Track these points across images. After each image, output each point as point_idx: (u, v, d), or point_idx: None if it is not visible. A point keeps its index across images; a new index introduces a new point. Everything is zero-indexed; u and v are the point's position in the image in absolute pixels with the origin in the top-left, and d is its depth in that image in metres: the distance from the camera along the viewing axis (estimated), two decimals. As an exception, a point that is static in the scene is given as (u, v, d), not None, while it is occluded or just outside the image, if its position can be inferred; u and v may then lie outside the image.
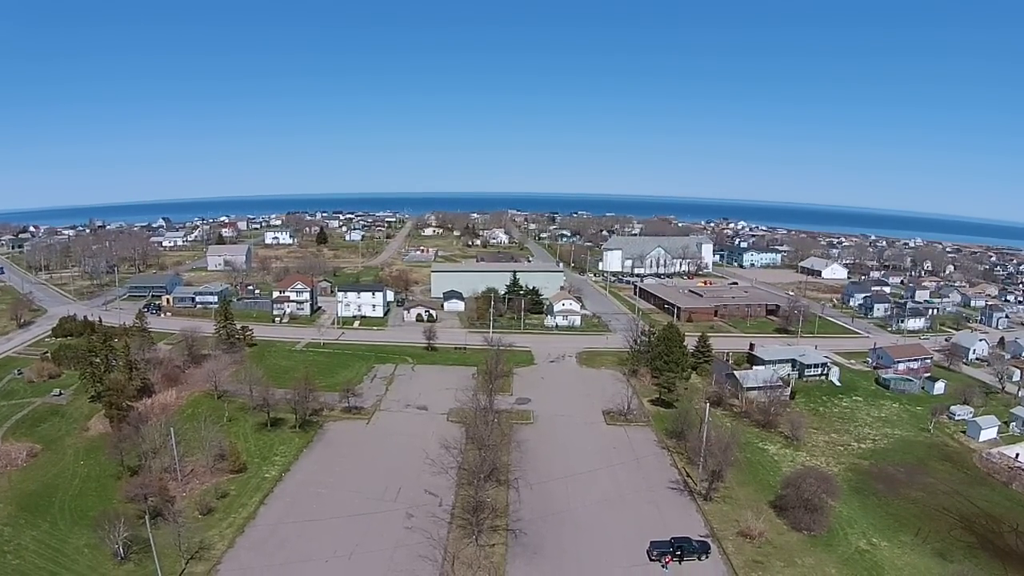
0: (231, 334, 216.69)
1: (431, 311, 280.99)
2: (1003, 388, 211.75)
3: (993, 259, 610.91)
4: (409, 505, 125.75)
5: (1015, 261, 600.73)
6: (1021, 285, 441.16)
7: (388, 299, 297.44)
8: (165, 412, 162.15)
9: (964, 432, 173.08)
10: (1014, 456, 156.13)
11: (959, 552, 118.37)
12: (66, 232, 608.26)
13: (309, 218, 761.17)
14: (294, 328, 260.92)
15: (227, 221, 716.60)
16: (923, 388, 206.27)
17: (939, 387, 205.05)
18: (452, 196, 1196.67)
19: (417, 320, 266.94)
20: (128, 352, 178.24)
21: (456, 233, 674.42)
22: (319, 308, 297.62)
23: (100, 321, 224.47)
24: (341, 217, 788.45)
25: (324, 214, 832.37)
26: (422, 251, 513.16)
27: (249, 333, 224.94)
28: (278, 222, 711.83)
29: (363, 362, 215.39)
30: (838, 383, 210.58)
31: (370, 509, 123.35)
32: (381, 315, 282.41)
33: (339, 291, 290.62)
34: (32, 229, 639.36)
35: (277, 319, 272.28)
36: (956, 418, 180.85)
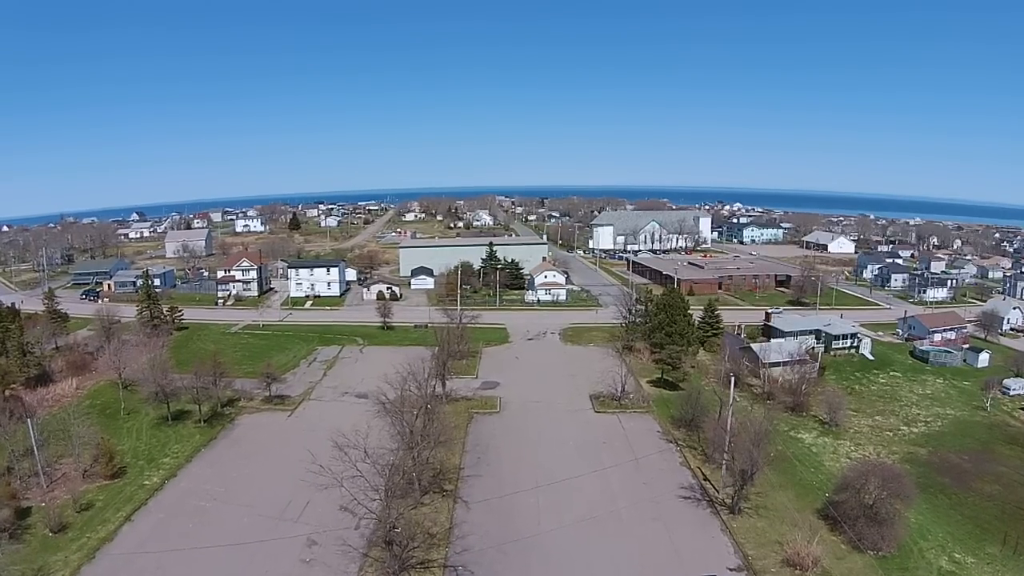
0: (154, 316, 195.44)
1: (394, 288, 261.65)
2: None
3: (998, 236, 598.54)
4: (315, 527, 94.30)
5: (1020, 237, 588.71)
6: None
7: (348, 278, 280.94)
8: (59, 403, 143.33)
9: None
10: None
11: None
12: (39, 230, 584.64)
13: (285, 207, 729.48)
14: (237, 310, 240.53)
15: (200, 213, 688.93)
16: (965, 360, 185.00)
17: (983, 359, 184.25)
18: (446, 190, 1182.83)
19: (378, 299, 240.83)
20: (20, 335, 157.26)
21: (439, 218, 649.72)
22: (270, 289, 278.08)
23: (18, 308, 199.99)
24: (321, 207, 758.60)
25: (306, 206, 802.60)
26: (399, 233, 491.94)
27: (178, 315, 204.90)
28: (254, 213, 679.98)
29: (304, 344, 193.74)
30: (871, 357, 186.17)
31: (260, 533, 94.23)
32: (337, 294, 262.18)
33: (289, 268, 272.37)
34: (6, 228, 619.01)
35: (220, 301, 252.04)
36: (1011, 393, 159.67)
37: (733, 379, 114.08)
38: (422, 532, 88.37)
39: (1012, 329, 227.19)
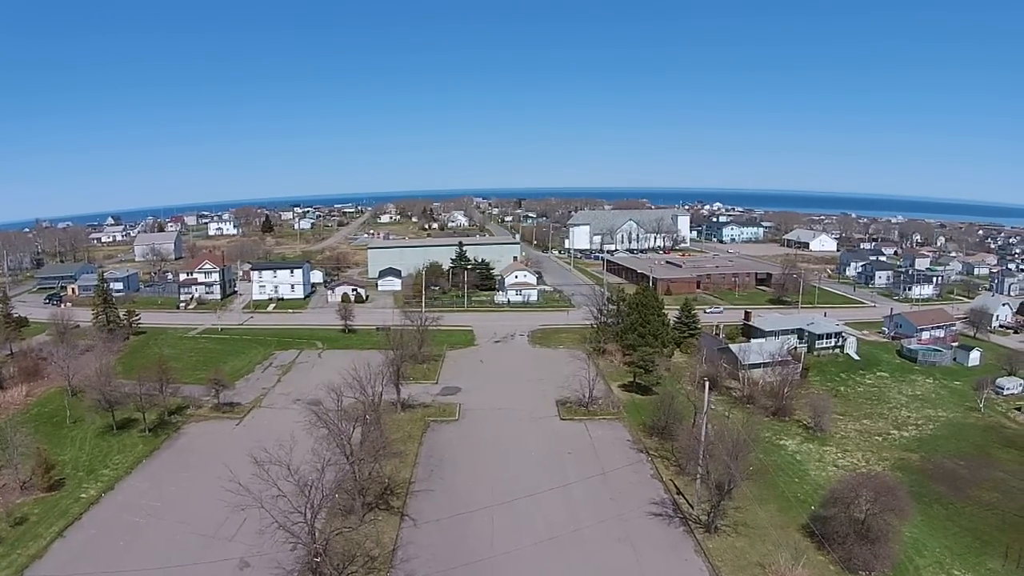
0: (111, 320, 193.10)
1: (359, 289, 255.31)
2: None
3: (981, 233, 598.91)
4: (249, 548, 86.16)
5: (1003, 235, 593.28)
6: (1017, 255, 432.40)
7: (314, 280, 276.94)
8: (6, 411, 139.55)
9: (1019, 410, 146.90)
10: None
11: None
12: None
13: (260, 210, 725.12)
14: (199, 314, 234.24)
15: (174, 217, 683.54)
16: (955, 359, 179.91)
17: (974, 357, 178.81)
18: (424, 193, 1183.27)
19: (343, 301, 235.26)
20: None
21: (414, 219, 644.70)
22: (234, 292, 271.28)
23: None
24: (297, 210, 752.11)
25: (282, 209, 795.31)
26: (372, 234, 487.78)
27: (135, 319, 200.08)
28: (228, 216, 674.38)
29: (262, 348, 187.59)
30: (856, 356, 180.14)
31: (192, 553, 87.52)
32: (301, 296, 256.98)
33: (252, 270, 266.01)
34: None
35: (183, 305, 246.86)
36: (1005, 392, 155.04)
37: (708, 383, 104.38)
38: (362, 554, 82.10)
39: (1002, 326, 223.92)
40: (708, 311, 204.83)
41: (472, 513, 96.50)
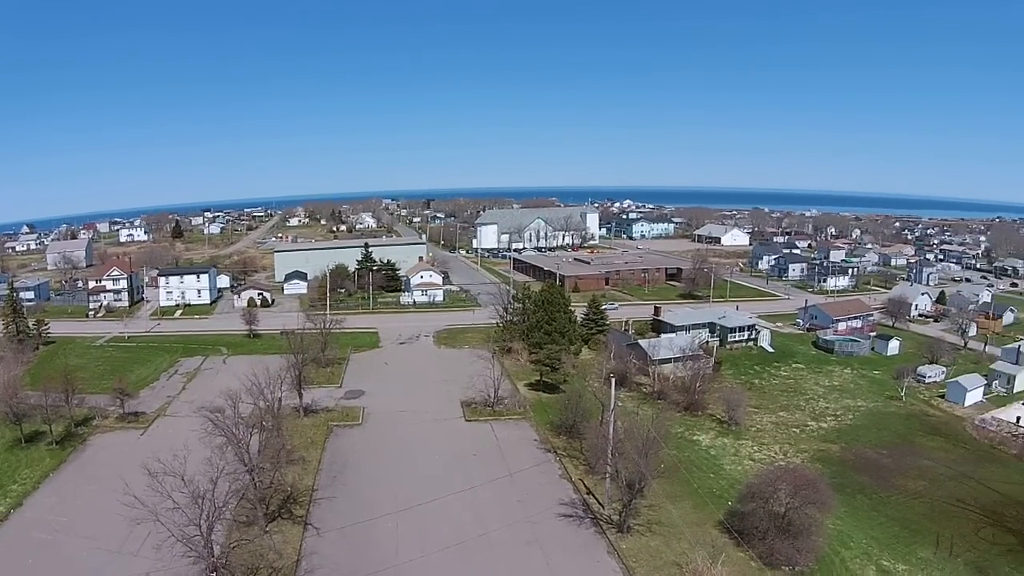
0: (20, 331, 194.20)
1: (264, 294, 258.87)
2: (965, 344, 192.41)
3: (898, 225, 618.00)
4: (153, 563, 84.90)
5: (920, 226, 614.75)
6: (935, 245, 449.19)
7: (221, 284, 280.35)
8: None
9: (943, 397, 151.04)
10: (1015, 420, 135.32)
11: (1001, 561, 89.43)
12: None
13: (171, 216, 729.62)
14: (108, 322, 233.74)
15: (86, 225, 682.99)
16: (873, 349, 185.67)
17: (893, 346, 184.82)
18: (335, 196, 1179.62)
19: (249, 305, 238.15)
20: None
21: (323, 222, 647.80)
22: (142, 298, 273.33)
23: None
24: (207, 215, 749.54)
25: (207, 215, 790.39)
26: (280, 238, 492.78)
27: (45, 329, 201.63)
28: (140, 223, 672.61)
29: (168, 355, 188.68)
30: (770, 349, 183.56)
31: (98, 570, 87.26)
32: (208, 302, 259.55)
33: (159, 276, 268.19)
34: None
35: (92, 313, 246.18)
36: (927, 380, 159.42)
37: (614, 379, 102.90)
38: (265, 566, 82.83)
39: (921, 315, 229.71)
40: (603, 307, 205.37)
41: (376, 520, 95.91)
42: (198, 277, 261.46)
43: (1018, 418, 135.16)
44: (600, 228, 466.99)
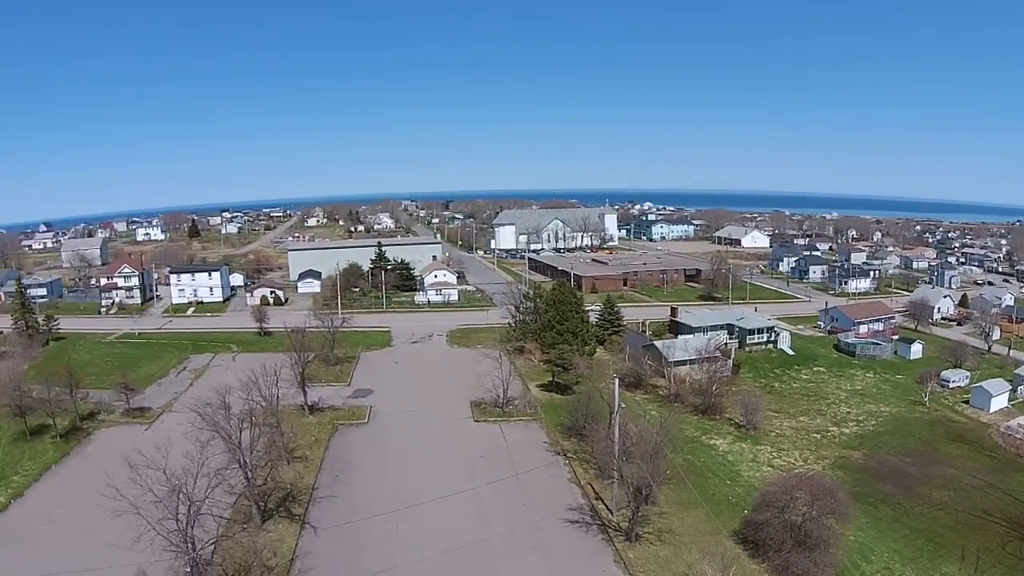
0: (29, 326, 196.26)
1: (278, 292, 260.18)
2: (989, 348, 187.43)
3: (919, 228, 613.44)
4: (148, 556, 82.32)
5: (941, 229, 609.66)
6: (956, 248, 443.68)
7: (234, 283, 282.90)
8: None
9: (967, 403, 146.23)
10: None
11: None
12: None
13: (189, 216, 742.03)
14: (120, 319, 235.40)
15: (104, 223, 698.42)
16: (896, 352, 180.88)
17: (916, 350, 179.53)
18: (355, 197, 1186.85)
19: (261, 303, 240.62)
20: None
21: (341, 222, 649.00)
22: (155, 296, 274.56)
23: None
24: (225, 215, 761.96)
25: (225, 215, 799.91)
26: (296, 237, 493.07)
27: (54, 325, 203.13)
28: (157, 222, 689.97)
29: (178, 352, 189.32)
30: (790, 352, 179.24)
31: (92, 561, 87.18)
32: (220, 299, 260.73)
33: (171, 273, 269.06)
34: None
35: (104, 310, 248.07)
36: (951, 385, 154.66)
37: (616, 380, 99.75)
38: (259, 564, 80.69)
39: (943, 318, 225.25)
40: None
41: (375, 520, 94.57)
42: (210, 275, 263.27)
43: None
44: (619, 230, 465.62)
